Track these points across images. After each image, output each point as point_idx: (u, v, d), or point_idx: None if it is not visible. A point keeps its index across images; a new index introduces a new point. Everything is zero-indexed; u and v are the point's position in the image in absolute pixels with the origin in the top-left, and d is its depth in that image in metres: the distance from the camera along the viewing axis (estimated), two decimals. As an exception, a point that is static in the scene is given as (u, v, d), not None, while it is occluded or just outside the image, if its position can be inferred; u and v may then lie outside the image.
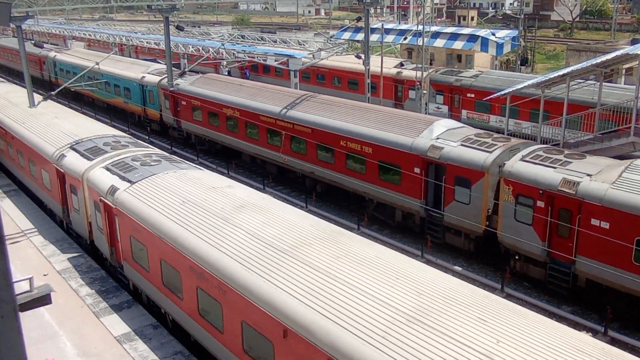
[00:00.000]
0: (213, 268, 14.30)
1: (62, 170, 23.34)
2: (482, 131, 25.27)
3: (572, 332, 10.47)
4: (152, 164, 20.77)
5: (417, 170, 24.48)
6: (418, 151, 24.31)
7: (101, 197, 20.11)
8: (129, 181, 19.42)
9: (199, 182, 18.75)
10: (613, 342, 17.85)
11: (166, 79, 40.13)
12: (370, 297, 11.42)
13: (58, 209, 25.17)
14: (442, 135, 24.41)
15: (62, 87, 35.54)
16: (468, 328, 10.07)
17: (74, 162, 22.67)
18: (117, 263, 20.59)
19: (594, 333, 18.37)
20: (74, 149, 23.72)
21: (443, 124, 25.37)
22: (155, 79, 42.64)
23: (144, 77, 43.72)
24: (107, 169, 21.01)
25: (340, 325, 10.90)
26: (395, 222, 26.68)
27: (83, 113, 41.89)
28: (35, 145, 26.17)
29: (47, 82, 62.15)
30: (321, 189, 30.78)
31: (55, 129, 26.84)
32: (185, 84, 39.25)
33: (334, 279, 12.20)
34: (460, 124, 26.50)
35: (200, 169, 21.34)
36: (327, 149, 28.69)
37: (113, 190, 19.48)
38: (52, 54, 60.20)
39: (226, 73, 54.85)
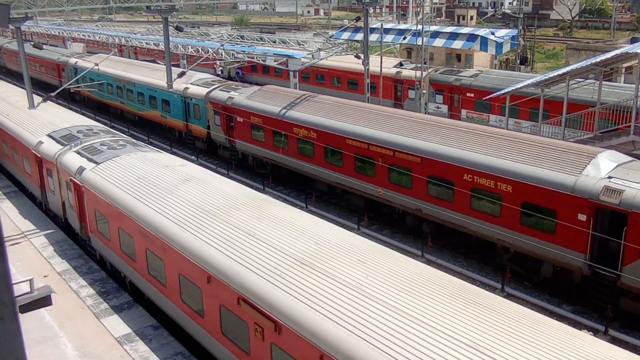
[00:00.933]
0: (157, 231, 16.65)
1: (40, 156, 25.66)
2: None
3: (431, 270, 12.99)
4: (118, 147, 23.24)
5: (581, 217, 19.42)
6: (584, 193, 19.13)
7: (71, 177, 22.44)
8: (95, 162, 21.77)
9: (155, 161, 21.17)
10: (614, 341, 17.85)
11: (216, 91, 35.86)
12: (275, 247, 13.90)
13: (37, 192, 27.52)
14: (614, 173, 19.35)
15: (61, 88, 35.47)
16: (347, 268, 12.61)
17: (50, 147, 24.95)
18: (86, 236, 22.74)
19: (595, 332, 18.37)
20: (51, 137, 25.95)
21: (609, 158, 20.24)
22: (201, 90, 37.42)
23: (187, 88, 38.43)
24: (78, 153, 23.27)
25: (250, 269, 13.37)
26: (542, 277, 21.62)
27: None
28: (18, 135, 28.69)
29: (67, 91, 58.92)
30: (429, 229, 25.31)
31: (37, 120, 29.11)
32: (241, 97, 33.92)
33: (251, 235, 14.67)
34: (629, 158, 20.99)
35: (160, 151, 23.68)
36: (443, 184, 23.29)
37: (81, 170, 21.79)
38: (72, 60, 55.51)
39: (219, 73, 54.78)
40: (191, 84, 38.77)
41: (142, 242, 17.67)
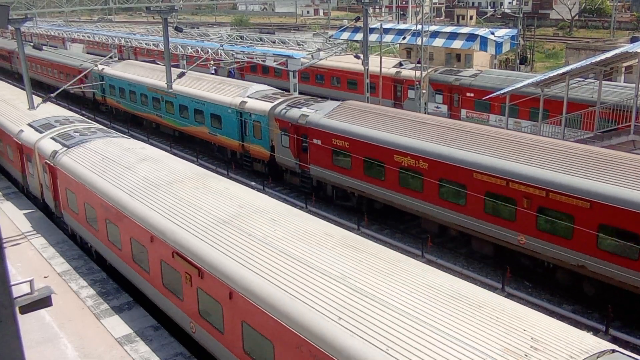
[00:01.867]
0: (114, 202, 19.17)
1: (20, 143, 28.08)
2: None
3: (330, 226, 15.65)
4: (88, 134, 25.64)
5: None
6: None
7: (46, 161, 24.76)
8: (67, 146, 24.21)
9: (119, 145, 23.63)
10: (615, 340, 17.84)
11: (283, 107, 30.96)
12: (205, 211, 16.65)
13: (19, 176, 29.95)
14: None
15: (59, 89, 35.43)
16: (260, 225, 15.33)
17: (29, 135, 27.34)
18: (60, 213, 25.04)
19: (596, 332, 18.36)
20: (31, 125, 28.30)
21: None
22: (263, 105, 32.20)
23: (244, 102, 33.46)
24: (53, 139, 25.67)
25: (182, 228, 16.05)
26: None
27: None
28: (1, 125, 31.39)
29: (91, 101, 53.56)
30: (596, 292, 20.17)
31: (21, 113, 31.46)
32: (319, 115, 28.66)
33: (188, 201, 17.41)
34: None
35: (126, 137, 26.02)
36: (626, 236, 18.09)
37: (54, 154, 24.18)
38: (98, 67, 49.70)
39: (213, 72, 54.57)
40: (249, 97, 33.79)
41: (102, 213, 20.26)
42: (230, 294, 13.71)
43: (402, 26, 62.12)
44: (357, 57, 38.26)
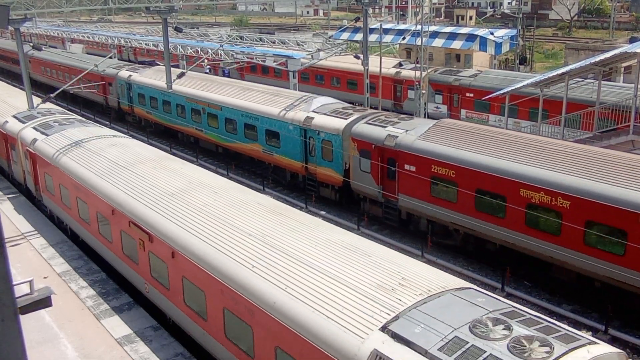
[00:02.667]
0: (83, 181, 21.52)
1: (5, 132, 30.30)
2: None
3: (263, 197, 18.29)
4: (67, 124, 27.68)
5: None
6: None
7: (27, 148, 27.03)
8: (46, 134, 26.45)
9: (92, 133, 25.84)
10: (614, 340, 17.86)
11: (362, 125, 26.96)
12: (158, 186, 19.09)
13: (5, 164, 32.17)
14: None
15: (58, 90, 35.43)
16: (203, 197, 17.73)
17: (13, 125, 29.56)
18: (39, 196, 27.16)
19: (595, 332, 18.38)
20: (15, 117, 30.33)
21: None
22: (335, 123, 28.02)
23: (310, 118, 29.12)
24: (34, 128, 27.81)
25: (138, 200, 18.55)
26: None
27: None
28: None
29: (115, 111, 49.35)
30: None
31: (7, 105, 33.92)
32: (411, 137, 24.50)
33: (145, 178, 19.99)
34: None
35: (100, 126, 28.41)
36: None
37: (34, 141, 26.45)
38: (124, 73, 45.94)
39: (207, 71, 54.48)
40: (315, 112, 29.58)
41: (74, 192, 22.59)
42: (173, 253, 16.12)
43: (401, 26, 62.20)
44: (357, 57, 38.27)
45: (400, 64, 47.87)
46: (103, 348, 16.22)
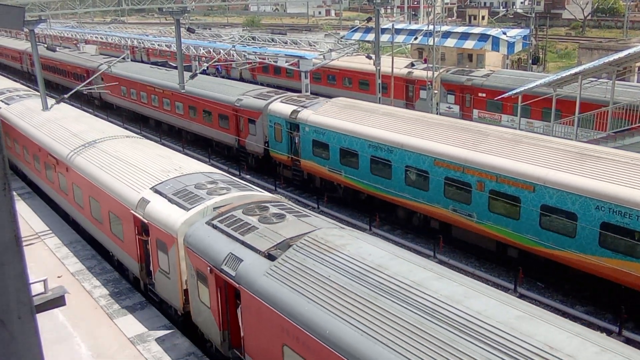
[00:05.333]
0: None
1: None
2: None
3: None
4: (25, 96, 36.55)
5: None
6: None
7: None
8: (7, 104, 34.73)
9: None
10: (628, 342, 17.73)
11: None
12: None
13: None
14: None
15: (74, 90, 35.62)
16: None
17: None
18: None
19: (609, 333, 18.25)
20: None
21: None
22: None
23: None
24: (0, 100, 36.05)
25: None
26: None
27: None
28: None
29: (255, 158, 34.93)
30: None
31: None
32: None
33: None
34: None
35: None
36: None
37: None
38: (282, 107, 31.36)
39: (203, 70, 53.81)
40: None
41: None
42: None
43: (413, 26, 62.04)
44: (368, 57, 38.26)
45: (412, 64, 47.77)
46: (116, 347, 16.32)
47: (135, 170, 20.65)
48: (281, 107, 31.63)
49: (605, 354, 9.06)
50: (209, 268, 14.75)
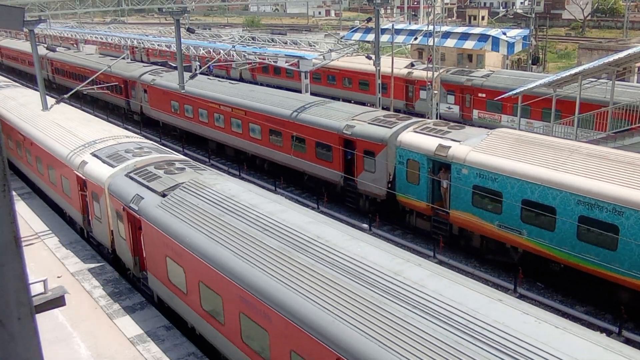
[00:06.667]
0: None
1: None
2: None
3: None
4: (4, 87, 40.55)
5: None
6: None
7: None
8: None
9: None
10: (628, 342, 17.73)
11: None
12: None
13: None
14: None
15: (74, 90, 35.64)
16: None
17: None
18: None
19: (609, 333, 18.25)
20: None
21: None
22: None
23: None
24: None
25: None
26: None
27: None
28: None
29: (376, 202, 27.54)
30: None
31: None
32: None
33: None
34: None
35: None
36: None
37: None
38: (417, 139, 24.85)
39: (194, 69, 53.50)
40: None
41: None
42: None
43: (413, 27, 62.04)
44: (368, 57, 38.24)
45: (412, 64, 47.78)
46: (116, 347, 16.32)
47: (82, 141, 24.89)
48: (418, 139, 24.51)
49: (497, 304, 10.63)
50: (122, 207, 19.43)
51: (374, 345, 10.32)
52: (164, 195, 17.86)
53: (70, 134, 26.50)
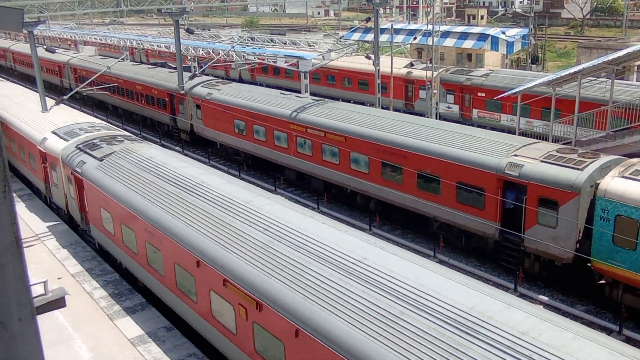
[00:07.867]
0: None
1: None
2: None
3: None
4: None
5: None
6: None
7: None
8: None
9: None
10: (628, 341, 17.74)
11: None
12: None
13: None
14: None
15: (73, 91, 35.68)
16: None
17: None
18: None
19: (609, 332, 18.26)
20: None
21: None
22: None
23: None
24: None
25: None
26: None
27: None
28: None
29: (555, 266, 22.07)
30: None
31: None
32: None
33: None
34: None
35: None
36: None
37: None
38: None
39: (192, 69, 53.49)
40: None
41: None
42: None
43: (413, 26, 62.07)
44: (368, 57, 38.25)
45: (411, 64, 47.79)
46: (116, 348, 16.31)
47: (47, 123, 28.91)
48: (634, 188, 18.13)
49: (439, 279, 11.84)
50: (71, 172, 23.82)
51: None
52: (101, 160, 22.24)
53: (44, 120, 29.99)
